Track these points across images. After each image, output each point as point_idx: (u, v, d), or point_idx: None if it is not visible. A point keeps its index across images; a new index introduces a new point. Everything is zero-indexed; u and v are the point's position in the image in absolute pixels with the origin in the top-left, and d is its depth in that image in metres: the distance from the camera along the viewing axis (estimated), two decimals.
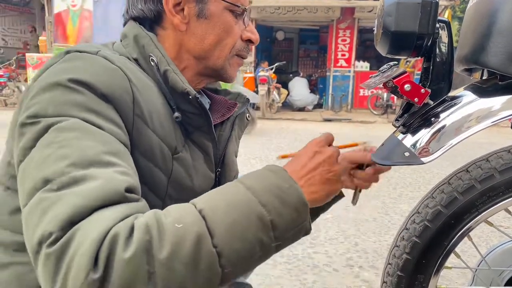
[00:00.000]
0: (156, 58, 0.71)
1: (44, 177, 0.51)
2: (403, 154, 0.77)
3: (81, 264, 0.43)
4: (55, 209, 0.48)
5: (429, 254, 0.85)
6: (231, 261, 0.51)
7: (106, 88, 0.60)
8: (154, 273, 0.46)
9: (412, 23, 0.74)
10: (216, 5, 0.74)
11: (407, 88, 0.75)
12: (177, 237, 0.48)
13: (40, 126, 0.56)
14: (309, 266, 1.94)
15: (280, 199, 0.56)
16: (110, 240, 0.45)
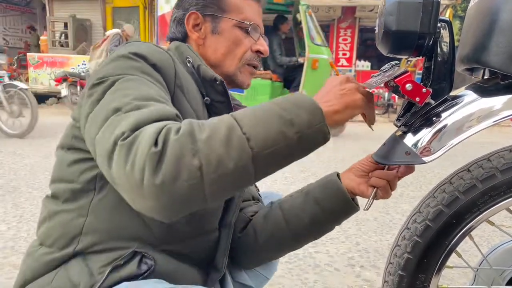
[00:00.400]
0: (192, 58, 0.89)
1: (113, 107, 0.65)
2: (404, 153, 0.78)
3: (145, 144, 0.57)
4: (125, 121, 0.62)
5: (431, 254, 0.85)
6: (258, 144, 0.61)
7: (156, 60, 0.77)
8: (198, 150, 0.58)
9: (414, 23, 0.74)
10: (227, 23, 0.92)
11: (409, 88, 0.75)
12: (214, 126, 0.61)
13: (107, 82, 0.71)
14: (310, 265, 1.94)
15: (297, 106, 0.66)
16: (165, 130, 0.59)
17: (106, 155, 0.61)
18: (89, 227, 0.78)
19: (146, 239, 0.79)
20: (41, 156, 4.20)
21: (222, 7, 0.92)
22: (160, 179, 0.56)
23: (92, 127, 0.68)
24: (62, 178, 0.82)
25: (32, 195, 2.87)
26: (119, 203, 0.76)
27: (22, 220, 2.38)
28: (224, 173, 0.59)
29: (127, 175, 0.57)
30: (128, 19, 11.56)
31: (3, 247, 2.01)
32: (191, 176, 0.57)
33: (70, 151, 0.81)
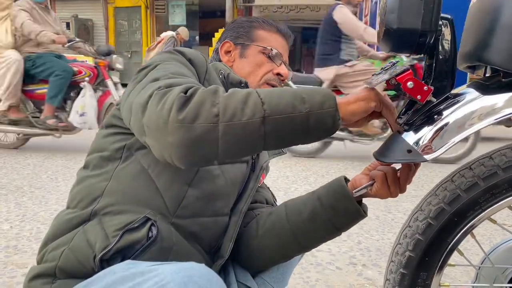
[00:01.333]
0: (223, 70, 1.01)
1: (152, 78, 0.78)
2: (406, 151, 0.77)
3: (176, 91, 0.69)
4: (161, 82, 0.74)
5: (432, 252, 0.85)
6: (271, 108, 0.69)
7: (192, 57, 0.92)
8: (218, 103, 0.68)
9: (415, 20, 0.74)
10: (253, 49, 1.09)
11: (410, 86, 0.75)
12: (236, 90, 0.72)
13: (150, 67, 0.85)
14: (312, 264, 1.94)
15: (311, 90, 0.74)
16: (195, 87, 0.70)
17: (141, 106, 0.72)
18: (109, 190, 0.87)
19: (158, 208, 0.86)
20: (44, 156, 4.22)
21: (251, 37, 1.10)
22: (182, 115, 0.66)
23: (131, 97, 0.79)
24: (96, 148, 0.93)
25: (35, 195, 2.88)
26: (138, 172, 0.87)
27: (24, 219, 2.39)
28: (237, 125, 0.67)
29: (156, 113, 0.68)
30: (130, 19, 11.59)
31: (6, 246, 2.02)
32: (208, 120, 0.66)
33: (108, 128, 0.94)
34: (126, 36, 11.68)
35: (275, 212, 1.03)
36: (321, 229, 0.96)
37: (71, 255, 0.82)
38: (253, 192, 1.04)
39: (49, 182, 3.24)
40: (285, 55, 1.12)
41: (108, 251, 0.80)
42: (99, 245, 0.81)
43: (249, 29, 1.11)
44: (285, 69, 1.09)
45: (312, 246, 1.01)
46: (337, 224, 0.94)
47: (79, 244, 0.83)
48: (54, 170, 3.64)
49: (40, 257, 0.88)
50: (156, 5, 11.48)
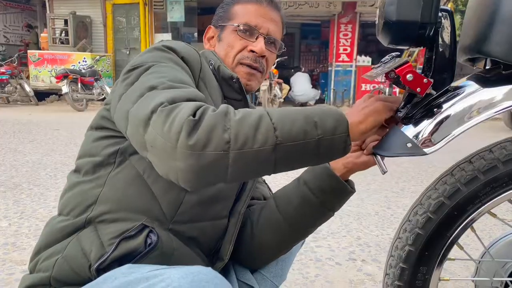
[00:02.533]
0: (213, 61, 0.98)
1: (149, 85, 0.73)
2: (406, 145, 0.77)
3: (184, 112, 0.64)
4: (162, 94, 0.69)
5: (432, 246, 0.84)
6: (283, 135, 0.66)
7: (185, 54, 0.86)
8: (229, 128, 0.64)
9: (414, 12, 0.73)
10: (228, 30, 1.02)
11: (409, 78, 0.74)
12: (247, 112, 0.68)
13: (142, 67, 0.79)
14: (311, 260, 1.94)
15: (324, 113, 0.71)
16: (204, 108, 0.66)
17: (142, 120, 0.68)
18: (103, 197, 0.83)
19: (155, 215, 0.83)
20: (42, 153, 4.21)
21: (228, 16, 1.02)
22: (193, 142, 0.62)
23: (125, 104, 0.75)
24: (86, 153, 0.89)
25: (33, 192, 2.87)
26: (134, 178, 0.83)
27: (23, 217, 2.39)
28: (248, 153, 0.64)
29: (163, 135, 0.64)
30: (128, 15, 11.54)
31: (5, 243, 2.02)
32: (219, 148, 0.63)
33: (97, 130, 0.89)
34: (124, 33, 11.62)
35: (266, 206, 1.02)
36: (314, 213, 0.96)
37: (65, 265, 0.80)
38: (251, 193, 1.02)
39: (48, 179, 3.23)
40: (266, 24, 1.00)
41: (104, 261, 0.77)
42: (94, 254, 0.79)
43: (227, 8, 1.03)
44: (259, 44, 0.99)
45: (309, 232, 1.02)
46: (328, 204, 0.95)
47: (73, 253, 0.80)
48: (53, 167, 3.63)
49: (32, 265, 0.86)
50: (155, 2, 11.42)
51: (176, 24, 11.90)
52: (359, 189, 3.12)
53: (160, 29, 11.89)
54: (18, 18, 14.29)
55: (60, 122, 6.62)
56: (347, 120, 0.71)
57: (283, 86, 10.41)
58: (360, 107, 0.78)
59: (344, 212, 2.63)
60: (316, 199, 0.94)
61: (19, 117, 7.26)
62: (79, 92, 8.82)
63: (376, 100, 0.79)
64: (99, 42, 11.78)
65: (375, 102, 0.78)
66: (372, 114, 0.76)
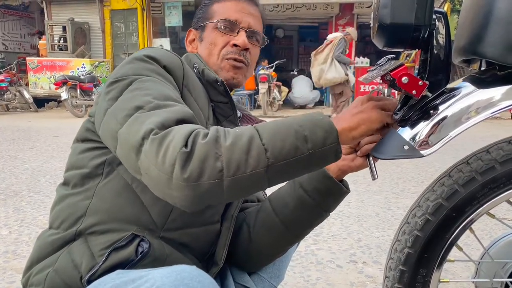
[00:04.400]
0: (197, 64, 0.97)
1: (135, 106, 0.73)
2: (403, 147, 0.77)
3: (177, 143, 0.64)
4: (151, 118, 0.69)
5: (431, 248, 0.84)
6: (274, 155, 0.67)
7: (167, 62, 0.85)
8: (221, 155, 0.65)
9: (408, 15, 0.73)
10: (207, 29, 1.02)
11: (405, 81, 0.74)
12: (237, 135, 0.67)
13: (125, 81, 0.78)
14: (312, 262, 1.94)
15: (314, 123, 0.71)
16: (195, 134, 0.66)
17: (134, 147, 0.68)
18: (92, 209, 0.83)
19: (145, 224, 0.83)
20: (42, 160, 4.21)
21: (207, 16, 1.02)
22: (187, 174, 0.63)
23: (111, 121, 0.75)
24: (74, 165, 0.89)
25: (33, 199, 2.87)
26: (122, 188, 0.83)
27: (23, 224, 2.38)
28: (241, 178, 0.65)
29: (158, 167, 0.65)
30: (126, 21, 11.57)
31: (5, 251, 2.01)
32: (213, 177, 0.64)
33: (83, 142, 0.89)
34: (122, 38, 11.65)
35: (262, 209, 1.02)
36: (310, 214, 0.96)
37: (57, 278, 0.80)
38: None
39: (48, 186, 3.23)
40: (246, 18, 1.00)
41: (95, 272, 0.78)
42: (85, 265, 0.79)
43: (205, 9, 1.03)
44: (240, 37, 0.99)
45: (306, 233, 1.02)
46: (324, 205, 0.95)
47: (64, 266, 0.81)
48: (52, 174, 3.63)
49: (25, 280, 0.86)
50: (152, 7, 11.45)
51: (174, 28, 11.94)
52: (359, 190, 3.13)
53: (158, 34, 11.92)
54: (17, 25, 14.32)
55: (59, 128, 6.62)
56: (337, 130, 0.71)
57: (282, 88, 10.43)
58: (354, 111, 0.78)
59: (344, 214, 2.63)
60: (312, 201, 0.94)
61: (19, 124, 7.26)
62: (78, 98, 8.84)
63: (373, 107, 0.78)
64: (98, 48, 11.81)
65: (371, 111, 0.78)
66: (365, 122, 0.76)
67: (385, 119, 0.79)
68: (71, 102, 8.48)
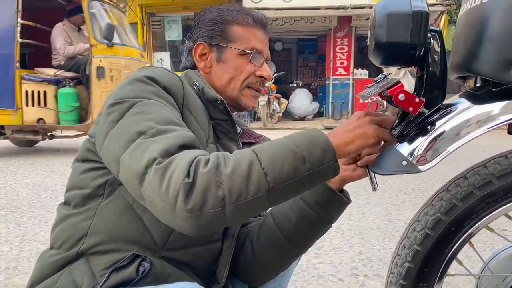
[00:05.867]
0: (197, 82, 0.97)
1: (137, 131, 0.73)
2: (401, 163, 0.78)
3: (180, 174, 0.66)
4: (153, 146, 0.70)
5: (431, 262, 0.85)
6: (274, 179, 0.69)
7: (167, 84, 0.85)
8: (222, 183, 0.66)
9: (404, 34, 0.75)
10: (231, 52, 0.99)
11: (401, 98, 0.76)
12: (237, 161, 0.69)
13: (126, 104, 0.78)
14: (314, 276, 1.93)
15: (311, 142, 0.72)
16: (196, 163, 0.68)
17: (137, 175, 0.70)
18: (94, 229, 0.84)
19: (147, 244, 0.84)
20: (43, 175, 4.21)
21: (227, 37, 0.99)
22: (190, 206, 0.65)
23: (113, 146, 0.76)
24: (75, 185, 0.89)
25: (35, 214, 2.87)
26: (123, 209, 0.84)
27: (24, 240, 2.38)
28: (244, 203, 0.67)
29: (162, 198, 0.67)
30: None
31: (6, 267, 2.01)
32: (216, 205, 0.66)
33: (84, 162, 0.89)
34: None
35: (264, 224, 1.02)
36: (313, 227, 0.97)
37: None
38: None
39: (49, 201, 3.23)
40: (266, 48, 1.03)
41: None
42: (86, 285, 0.79)
43: (223, 26, 1.00)
44: (267, 70, 1.02)
45: (309, 246, 1.02)
46: (326, 217, 0.96)
47: (65, 285, 0.81)
48: (53, 189, 3.63)
49: None
50: (152, 21, 11.57)
51: (174, 42, 12.03)
52: (360, 202, 3.13)
53: (158, 48, 12.01)
54: None
55: (60, 143, 6.63)
56: (334, 148, 0.73)
57: (282, 100, 10.47)
58: (351, 126, 0.79)
59: (345, 226, 2.63)
60: (314, 213, 0.95)
61: None
62: None
63: (369, 122, 0.79)
64: None
65: (367, 126, 0.79)
66: (361, 137, 0.78)
67: (380, 135, 0.80)
68: None
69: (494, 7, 0.77)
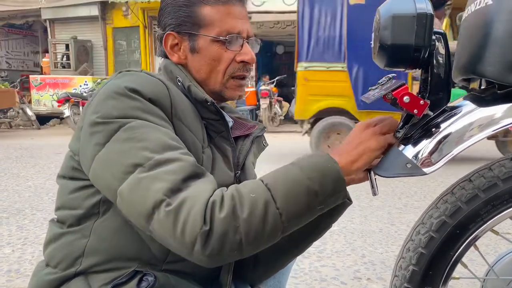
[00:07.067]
0: (181, 78, 0.88)
1: (133, 163, 0.69)
2: (405, 165, 0.78)
3: (196, 220, 0.65)
4: (157, 185, 0.67)
5: (436, 265, 0.84)
6: (289, 218, 0.70)
7: (152, 94, 0.77)
8: (239, 226, 0.67)
9: (408, 36, 0.75)
10: (204, 40, 0.88)
11: (406, 100, 0.76)
12: (253, 202, 0.68)
13: (112, 126, 0.72)
14: (316, 280, 1.93)
15: (323, 174, 0.72)
16: (211, 207, 0.67)
17: (143, 215, 0.68)
18: (90, 248, 0.81)
19: (147, 259, 0.82)
20: (45, 178, 4.21)
21: (197, 22, 0.87)
22: (208, 251, 0.66)
23: (106, 175, 0.72)
24: (66, 205, 0.85)
25: (36, 217, 2.87)
26: (121, 226, 0.80)
27: (26, 243, 2.38)
28: (259, 242, 0.70)
29: (177, 240, 0.66)
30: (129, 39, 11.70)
31: (8, 270, 2.01)
32: (233, 248, 0.68)
33: (71, 180, 0.84)
34: (125, 55, 11.77)
35: None
36: (314, 228, 0.95)
37: None
38: None
39: (51, 204, 3.23)
40: (245, 25, 0.90)
41: None
42: None
43: (190, 10, 0.87)
44: (248, 52, 0.90)
45: (309, 246, 1.01)
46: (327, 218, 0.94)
47: None
48: (55, 191, 3.61)
49: None
50: (154, 25, 11.60)
51: None
52: (362, 205, 3.12)
53: None
54: (20, 44, 14.49)
55: (62, 145, 6.64)
56: (344, 179, 0.74)
57: (283, 103, 10.47)
58: (354, 143, 0.79)
59: (348, 230, 2.62)
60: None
61: (22, 142, 7.29)
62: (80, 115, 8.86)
63: (372, 135, 0.79)
64: (100, 65, 11.91)
65: (371, 140, 0.79)
66: (366, 152, 0.78)
67: (385, 144, 0.80)
68: (73, 119, 8.51)
69: (499, 9, 0.77)
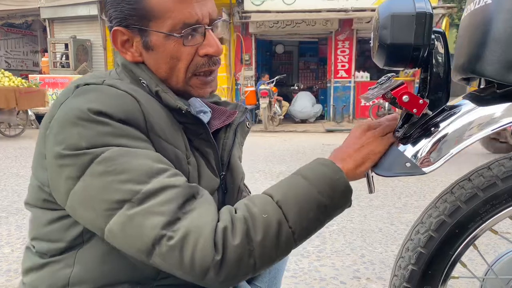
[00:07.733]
0: (145, 80, 0.78)
1: (118, 199, 0.63)
2: (405, 164, 0.78)
3: (206, 251, 0.62)
4: (151, 219, 0.62)
5: (435, 264, 0.84)
6: (301, 236, 0.70)
7: (121, 113, 0.68)
8: (253, 250, 0.65)
9: (408, 35, 0.74)
10: (157, 35, 0.76)
11: (405, 99, 0.75)
12: (266, 224, 0.66)
13: (83, 158, 0.65)
14: (316, 279, 1.93)
15: (332, 188, 0.72)
16: (223, 233, 0.64)
17: (142, 251, 0.64)
18: (76, 278, 0.74)
19: (137, 280, 0.77)
20: None
21: (144, 15, 0.74)
22: (222, 278, 0.64)
23: (87, 212, 0.66)
24: (44, 237, 0.77)
25: None
26: (106, 253, 0.74)
27: (25, 242, 2.38)
28: (273, 261, 0.70)
29: (185, 271, 0.63)
30: None
31: (7, 269, 2.01)
32: (247, 271, 0.66)
33: (45, 210, 0.76)
34: None
35: None
36: None
37: None
38: None
39: None
40: (205, 8, 0.76)
41: None
42: None
43: (134, 1, 0.74)
44: (213, 43, 0.78)
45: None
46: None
47: None
48: None
49: None
50: None
51: None
52: (361, 205, 3.12)
53: None
54: (20, 43, 14.48)
55: None
56: (351, 190, 0.74)
57: (283, 103, 10.48)
58: (356, 146, 0.79)
59: (347, 229, 2.62)
60: None
61: (21, 142, 7.28)
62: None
63: (373, 138, 0.79)
64: (100, 65, 11.90)
65: (372, 143, 0.79)
66: (369, 156, 0.79)
67: (387, 145, 0.80)
68: None
69: (498, 8, 0.77)
